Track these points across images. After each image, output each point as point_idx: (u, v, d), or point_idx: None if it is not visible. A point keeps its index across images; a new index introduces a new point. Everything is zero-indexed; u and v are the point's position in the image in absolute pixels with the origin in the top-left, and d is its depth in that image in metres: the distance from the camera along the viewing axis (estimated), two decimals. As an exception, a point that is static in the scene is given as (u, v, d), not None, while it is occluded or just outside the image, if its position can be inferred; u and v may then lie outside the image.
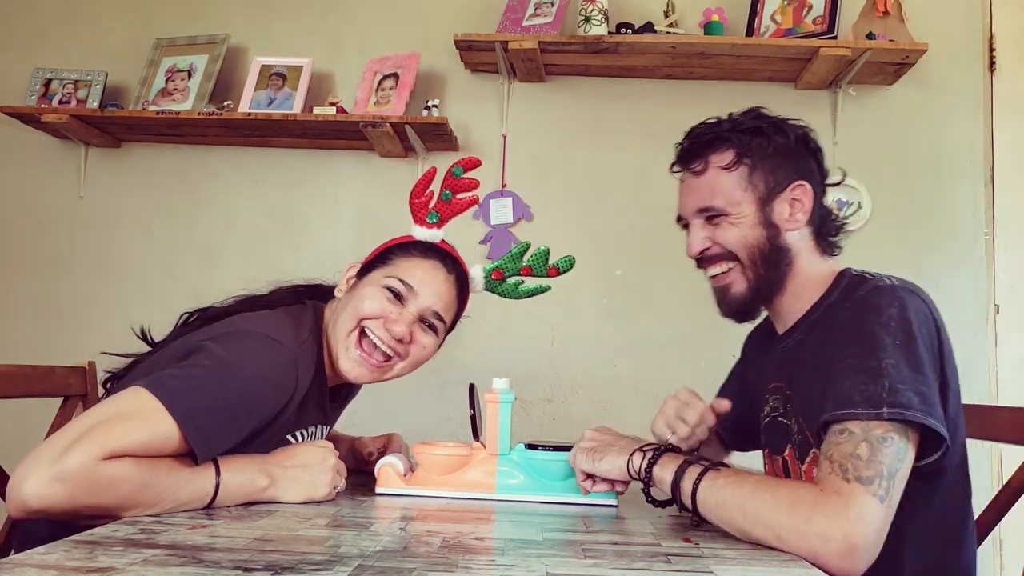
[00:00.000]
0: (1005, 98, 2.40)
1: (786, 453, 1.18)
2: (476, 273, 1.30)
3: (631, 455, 1.04)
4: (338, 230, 2.48)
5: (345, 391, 1.36)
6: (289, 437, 1.17)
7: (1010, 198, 2.38)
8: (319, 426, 1.26)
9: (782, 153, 1.16)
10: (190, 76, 2.44)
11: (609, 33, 2.30)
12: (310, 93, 2.42)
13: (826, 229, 1.20)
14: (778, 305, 1.20)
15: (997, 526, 1.26)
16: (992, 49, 2.42)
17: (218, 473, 0.99)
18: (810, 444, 1.10)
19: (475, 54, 2.39)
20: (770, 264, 1.15)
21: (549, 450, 1.20)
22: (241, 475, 1.01)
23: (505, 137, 2.47)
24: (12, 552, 1.13)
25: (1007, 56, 2.42)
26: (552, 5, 2.35)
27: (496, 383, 1.24)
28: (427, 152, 2.46)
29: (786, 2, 2.35)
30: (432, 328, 1.22)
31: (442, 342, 1.27)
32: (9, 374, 1.27)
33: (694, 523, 0.99)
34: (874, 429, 0.91)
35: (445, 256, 1.25)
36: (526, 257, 1.31)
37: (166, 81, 2.45)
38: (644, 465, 1.02)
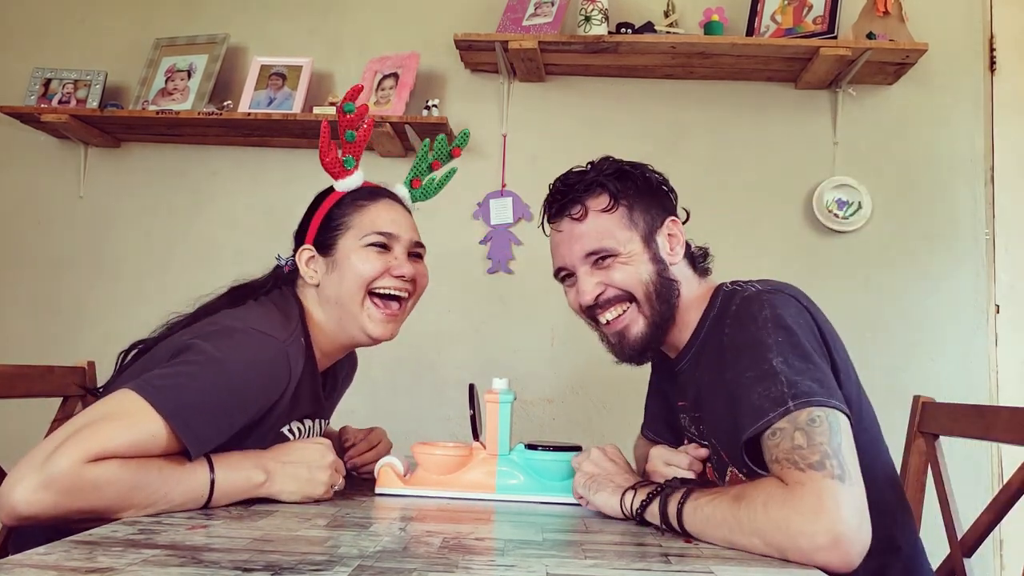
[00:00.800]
0: (1005, 98, 2.40)
1: (706, 468, 1.20)
2: (403, 192, 1.35)
3: (623, 495, 1.03)
4: (338, 230, 2.48)
5: (334, 380, 1.35)
6: (284, 431, 1.16)
7: (1010, 198, 2.37)
8: (316, 420, 1.25)
9: (649, 192, 1.21)
10: (190, 76, 2.44)
11: (609, 33, 2.30)
12: (310, 93, 2.42)
13: (695, 258, 1.24)
14: (668, 335, 1.22)
15: (997, 526, 1.26)
16: (992, 49, 2.42)
17: (212, 471, 0.98)
18: (726, 463, 1.12)
19: (475, 54, 2.38)
20: (663, 298, 1.18)
21: (549, 450, 1.20)
22: (236, 472, 1.01)
23: (505, 137, 2.47)
24: (9, 553, 1.13)
25: (1007, 56, 2.42)
26: (552, 5, 2.35)
27: (496, 383, 1.24)
28: (427, 152, 2.46)
29: (786, 2, 2.35)
30: (419, 256, 1.29)
31: None
32: (9, 374, 1.27)
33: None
34: (798, 416, 0.92)
35: (385, 192, 1.29)
36: (431, 155, 1.38)
37: (166, 81, 2.45)
38: (637, 507, 1.01)
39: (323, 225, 1.24)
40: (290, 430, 1.18)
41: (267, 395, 1.07)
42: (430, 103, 2.33)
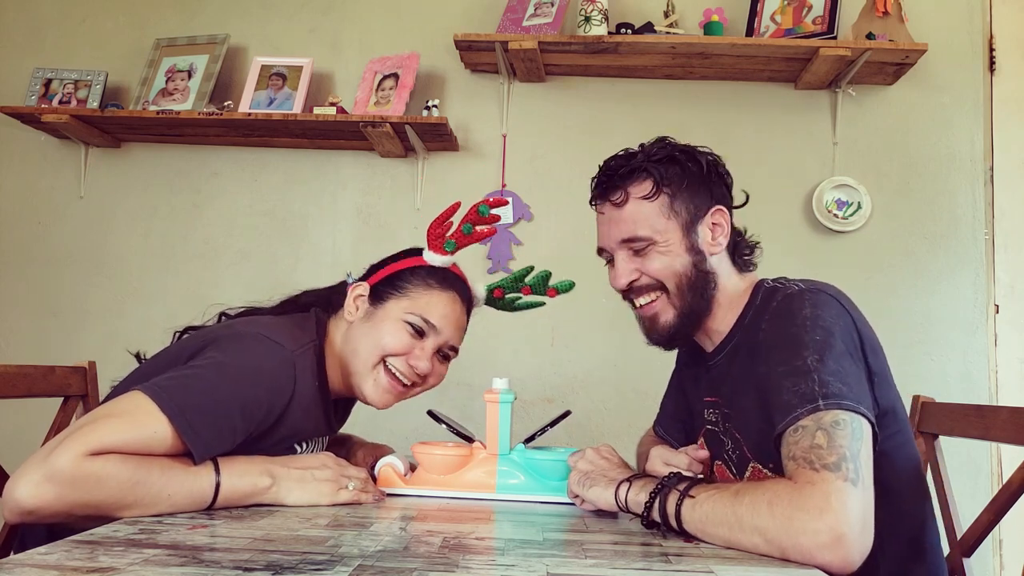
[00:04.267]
0: (1005, 98, 2.40)
1: (715, 468, 1.20)
2: (479, 292, 1.34)
3: (617, 487, 1.03)
4: (338, 230, 2.48)
5: (348, 403, 1.36)
6: (296, 446, 1.17)
7: (1010, 198, 2.38)
8: (324, 438, 1.27)
9: (697, 180, 1.19)
10: (190, 76, 2.44)
11: (609, 33, 2.30)
12: (310, 93, 2.42)
13: (740, 250, 1.23)
14: (703, 327, 1.22)
15: (997, 526, 1.26)
16: (992, 49, 2.42)
17: (218, 473, 0.99)
18: (748, 458, 1.12)
19: (475, 54, 2.39)
20: (696, 290, 1.17)
21: (545, 430, 1.23)
22: (241, 478, 1.01)
23: (505, 137, 2.47)
24: (12, 552, 1.13)
25: (1007, 56, 2.42)
26: (552, 5, 2.35)
27: (496, 383, 1.24)
28: (427, 152, 2.46)
29: (786, 2, 2.35)
30: (447, 357, 1.27)
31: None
32: (9, 374, 1.27)
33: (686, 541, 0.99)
34: (823, 417, 0.92)
35: (461, 286, 1.28)
36: (528, 278, 1.35)
37: (166, 81, 2.45)
38: (630, 497, 1.00)
39: (390, 278, 1.25)
40: (299, 445, 1.19)
41: (271, 402, 1.08)
42: (430, 103, 2.33)
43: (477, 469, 1.20)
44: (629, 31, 2.32)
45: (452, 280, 1.27)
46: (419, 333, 1.21)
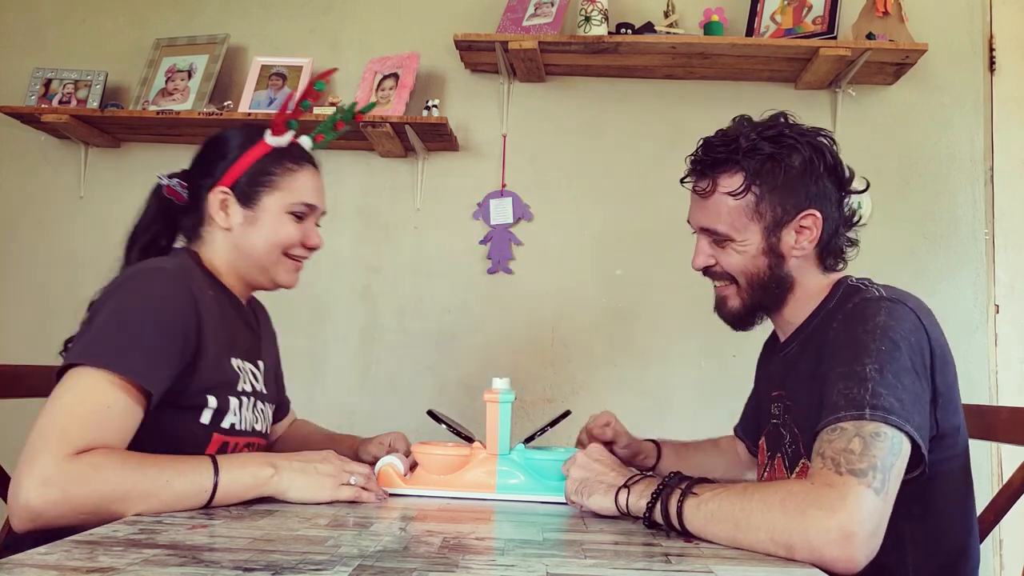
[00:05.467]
0: (1005, 98, 2.40)
1: (775, 461, 1.20)
2: (307, 144, 1.37)
3: (616, 494, 1.02)
4: (338, 230, 2.48)
5: (255, 318, 1.38)
6: (234, 364, 1.20)
7: (1010, 198, 2.38)
8: (258, 361, 1.29)
9: (794, 179, 1.13)
10: (190, 76, 2.44)
11: (609, 33, 2.30)
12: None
13: (831, 249, 1.19)
14: (778, 317, 1.23)
15: (997, 526, 1.26)
16: (992, 49, 2.42)
17: (216, 470, 0.99)
18: (801, 454, 1.11)
19: (475, 54, 2.39)
20: (768, 290, 1.17)
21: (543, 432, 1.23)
22: (242, 468, 1.02)
23: (505, 137, 2.47)
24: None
25: (1007, 56, 2.42)
26: (552, 5, 2.35)
27: (496, 383, 1.24)
28: (427, 152, 2.46)
29: (786, 2, 2.35)
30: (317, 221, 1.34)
31: None
32: (9, 374, 1.27)
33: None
34: (866, 426, 0.91)
35: (304, 152, 1.33)
36: (339, 117, 1.44)
37: (166, 81, 2.45)
38: (631, 502, 1.00)
39: (251, 175, 1.26)
40: (240, 367, 1.21)
41: (184, 316, 1.09)
42: (430, 103, 2.33)
43: (477, 469, 1.20)
44: (629, 31, 2.33)
45: (300, 152, 1.32)
46: (302, 217, 1.28)
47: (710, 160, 1.15)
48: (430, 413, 1.28)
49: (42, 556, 0.69)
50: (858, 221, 1.22)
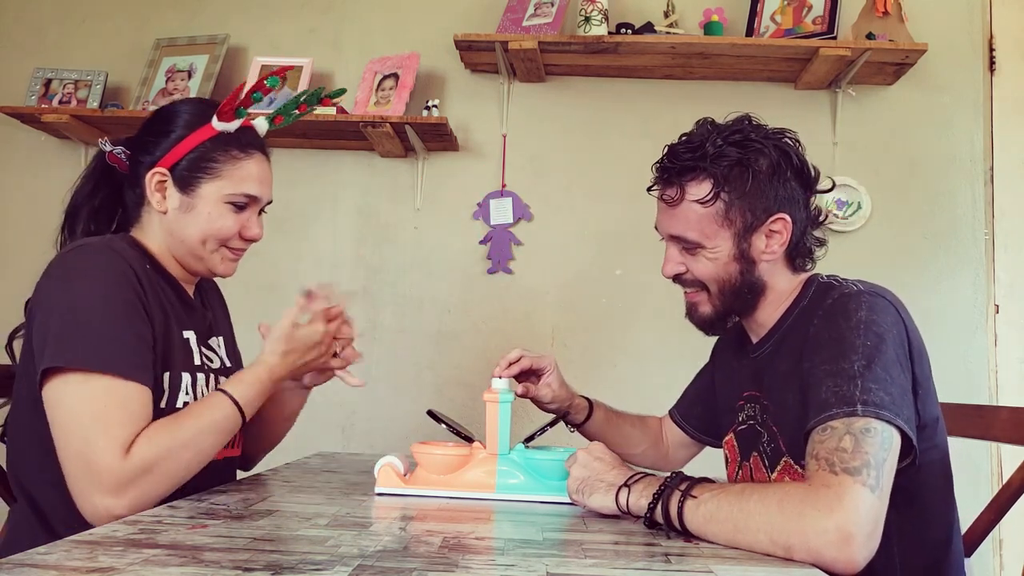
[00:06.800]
0: (1005, 98, 2.40)
1: (751, 460, 1.19)
2: (263, 127, 1.32)
3: (617, 493, 1.02)
4: (338, 230, 2.48)
5: (201, 292, 1.36)
6: (187, 337, 1.21)
7: (1010, 198, 2.38)
8: (216, 337, 1.32)
9: (763, 183, 1.12)
10: (190, 76, 2.44)
11: (609, 33, 2.30)
12: (310, 93, 2.42)
13: (801, 249, 1.18)
14: (750, 320, 1.22)
15: (997, 526, 1.26)
16: (992, 49, 2.42)
17: (236, 404, 1.11)
18: (782, 452, 1.11)
19: (475, 54, 2.39)
20: (739, 296, 1.17)
21: (543, 432, 1.23)
22: (249, 388, 1.13)
23: (505, 137, 2.47)
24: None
25: (1007, 56, 2.42)
26: (552, 5, 2.35)
27: (496, 383, 1.24)
28: (427, 152, 2.46)
29: (786, 2, 2.35)
30: (262, 211, 1.30)
31: None
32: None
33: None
34: (855, 422, 0.92)
35: (255, 138, 1.26)
36: (302, 98, 1.38)
37: (166, 81, 2.45)
38: (631, 502, 1.00)
39: (192, 160, 1.20)
40: (191, 341, 1.22)
41: (129, 286, 1.09)
42: (430, 103, 2.33)
43: (477, 469, 1.20)
44: (629, 31, 2.33)
45: (250, 139, 1.25)
46: (242, 207, 1.23)
47: (677, 168, 1.14)
48: (430, 413, 1.27)
49: (42, 556, 0.69)
50: (825, 219, 1.22)
